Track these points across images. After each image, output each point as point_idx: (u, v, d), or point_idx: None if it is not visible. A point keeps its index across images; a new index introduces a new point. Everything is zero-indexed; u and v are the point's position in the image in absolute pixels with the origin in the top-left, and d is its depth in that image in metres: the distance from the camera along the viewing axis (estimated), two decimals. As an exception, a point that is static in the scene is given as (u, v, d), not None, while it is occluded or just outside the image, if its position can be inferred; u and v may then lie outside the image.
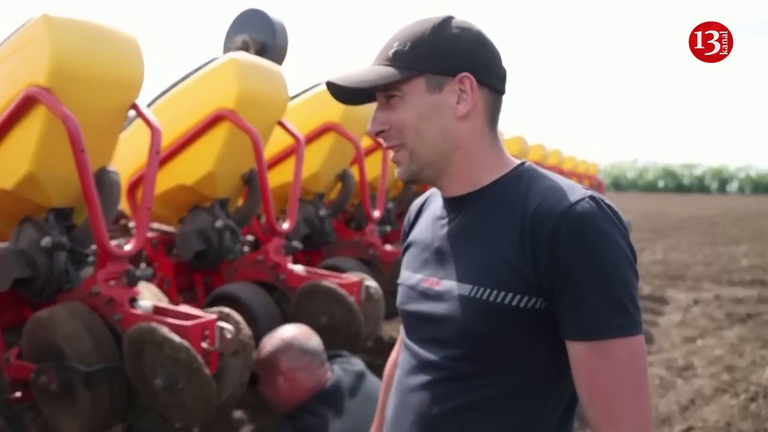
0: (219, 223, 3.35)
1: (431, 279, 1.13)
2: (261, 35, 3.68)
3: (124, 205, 3.39)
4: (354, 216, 4.73)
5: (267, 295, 3.28)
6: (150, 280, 2.95)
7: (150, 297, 2.73)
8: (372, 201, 4.35)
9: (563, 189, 1.04)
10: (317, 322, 3.05)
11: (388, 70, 1.08)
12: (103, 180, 2.65)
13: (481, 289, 1.04)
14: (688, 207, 27.37)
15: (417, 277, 1.16)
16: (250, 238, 3.87)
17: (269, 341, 2.47)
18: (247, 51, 3.56)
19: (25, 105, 2.42)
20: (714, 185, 55.24)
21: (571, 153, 10.53)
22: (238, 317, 2.50)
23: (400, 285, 1.22)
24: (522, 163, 1.14)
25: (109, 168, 2.73)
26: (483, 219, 1.09)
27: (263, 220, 3.65)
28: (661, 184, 55.78)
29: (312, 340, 2.45)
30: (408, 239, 1.27)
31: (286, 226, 3.45)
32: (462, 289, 1.07)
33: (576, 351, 1.01)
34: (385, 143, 1.13)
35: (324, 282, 3.14)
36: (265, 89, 3.34)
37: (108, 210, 2.64)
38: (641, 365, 1.00)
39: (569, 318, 1.01)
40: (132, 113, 2.87)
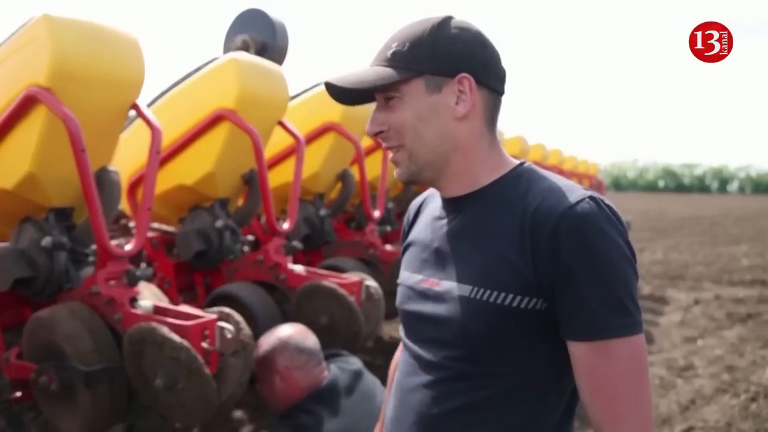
0: (219, 223, 3.35)
1: (431, 279, 1.13)
2: (261, 35, 3.68)
3: (124, 205, 3.39)
4: (354, 216, 4.72)
5: (267, 295, 3.28)
6: (150, 279, 2.95)
7: (150, 297, 2.73)
8: (372, 201, 4.35)
9: (563, 189, 1.04)
10: (317, 322, 3.05)
11: (386, 70, 1.08)
12: (104, 180, 2.65)
13: (481, 290, 1.04)
14: (688, 207, 27.37)
15: (417, 278, 1.16)
16: (250, 237, 3.87)
17: (266, 340, 2.48)
18: (248, 51, 3.56)
19: (26, 105, 2.42)
20: (714, 185, 55.22)
21: (572, 153, 10.54)
22: (238, 317, 2.50)
23: (399, 285, 1.22)
24: (521, 163, 1.14)
25: (110, 168, 2.73)
26: (482, 219, 1.09)
27: (263, 219, 3.65)
28: (662, 183, 55.75)
29: (308, 339, 2.45)
30: (407, 239, 1.26)
31: (286, 226, 3.45)
32: (462, 290, 1.07)
33: (577, 351, 1.01)
34: (384, 144, 1.13)
35: (324, 282, 3.13)
36: (266, 89, 3.34)
37: (108, 210, 2.64)
38: (642, 364, 1.01)
39: (570, 318, 1.01)
40: (132, 113, 2.87)
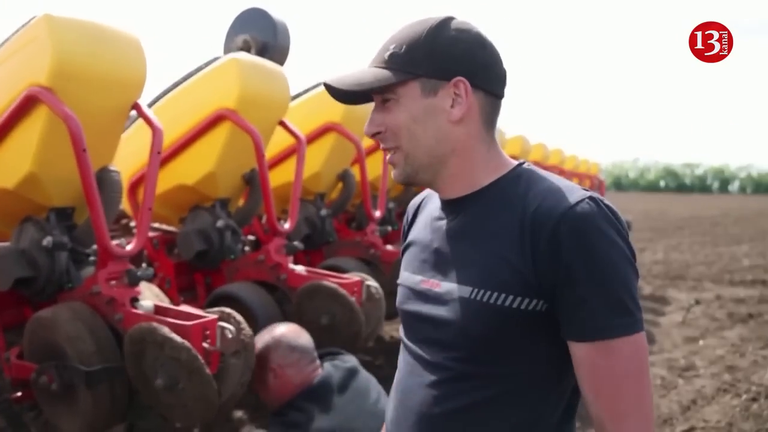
0: (220, 223, 3.35)
1: (431, 280, 1.13)
2: (262, 35, 3.67)
3: (125, 205, 3.39)
4: (355, 216, 4.72)
5: (268, 295, 3.28)
6: (151, 279, 2.95)
7: (151, 297, 2.73)
8: (373, 201, 4.35)
9: (563, 190, 1.04)
10: (318, 322, 3.05)
11: (383, 72, 1.07)
12: (105, 180, 2.65)
13: (482, 291, 1.04)
14: (689, 207, 27.35)
15: (417, 278, 1.16)
16: (251, 237, 3.87)
17: (260, 339, 2.49)
18: (248, 51, 3.55)
19: (27, 105, 2.43)
20: (715, 185, 55.18)
21: (573, 152, 10.54)
22: (239, 317, 2.50)
23: (399, 285, 1.22)
24: (521, 164, 1.14)
25: (111, 168, 2.73)
26: (482, 220, 1.09)
27: (264, 219, 3.66)
28: (663, 183, 55.73)
29: (301, 337, 2.46)
30: (407, 239, 1.26)
31: (287, 226, 3.45)
32: (462, 291, 1.06)
33: (578, 351, 1.01)
34: (382, 145, 1.13)
35: (325, 282, 3.13)
36: (267, 89, 3.34)
37: (109, 210, 2.64)
38: (643, 362, 1.01)
39: (571, 319, 1.01)
40: (133, 113, 2.87)
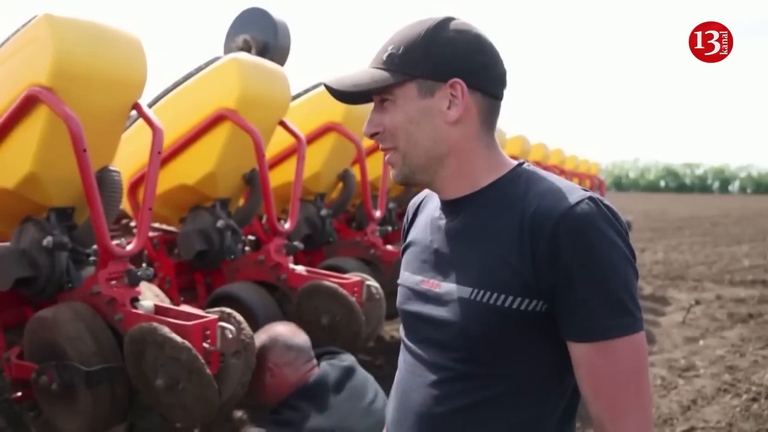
0: (220, 223, 3.35)
1: (431, 281, 1.13)
2: (263, 35, 3.67)
3: (125, 205, 3.39)
4: (355, 216, 4.72)
5: (268, 295, 3.28)
6: (151, 280, 2.95)
7: (151, 297, 2.73)
8: (373, 201, 4.35)
9: (562, 190, 1.04)
10: (318, 322, 3.05)
11: (381, 73, 1.08)
12: (105, 180, 2.65)
13: (481, 292, 1.04)
14: (689, 207, 27.35)
15: (417, 279, 1.16)
16: (251, 237, 3.87)
17: (256, 338, 2.49)
18: (249, 51, 3.55)
19: (27, 105, 2.43)
20: (716, 185, 55.20)
21: (573, 152, 10.54)
22: (239, 317, 2.50)
23: (399, 285, 1.22)
24: (520, 164, 1.14)
25: (111, 168, 2.73)
26: (482, 220, 1.09)
27: (264, 219, 3.66)
28: (663, 183, 55.74)
29: (297, 336, 2.47)
30: (407, 239, 1.26)
31: (287, 226, 3.45)
32: (462, 292, 1.06)
33: (578, 351, 1.01)
34: (380, 145, 1.14)
35: (325, 282, 3.13)
36: (267, 89, 3.34)
37: (109, 210, 2.64)
38: (643, 362, 1.01)
39: (570, 319, 1.01)
40: (134, 113, 2.87)
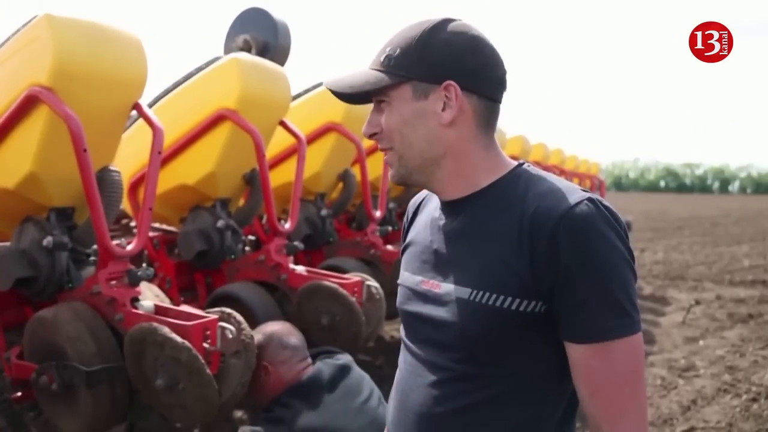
0: (220, 223, 3.35)
1: (431, 281, 1.13)
2: (263, 35, 3.67)
3: (125, 205, 3.39)
4: (355, 216, 4.72)
5: (268, 295, 3.28)
6: (151, 280, 2.95)
7: (151, 297, 2.73)
8: (373, 201, 4.35)
9: (562, 191, 1.04)
10: (318, 322, 3.05)
11: (377, 75, 1.09)
12: (105, 180, 2.65)
13: (480, 293, 1.04)
14: (689, 207, 27.36)
15: (417, 279, 1.16)
16: (251, 237, 3.87)
17: None
18: (249, 51, 3.55)
19: (27, 105, 2.43)
20: (716, 185, 55.22)
21: (573, 152, 10.53)
22: (239, 317, 2.50)
23: (399, 285, 1.22)
24: (520, 164, 1.14)
25: (111, 168, 2.73)
26: (481, 221, 1.09)
27: (264, 219, 3.66)
28: (663, 183, 55.76)
29: (292, 335, 2.47)
30: (407, 238, 1.26)
31: (287, 226, 3.45)
32: (461, 293, 1.07)
33: (575, 352, 1.01)
34: (379, 145, 1.15)
35: (325, 282, 3.13)
36: (267, 89, 3.34)
37: (110, 210, 2.64)
38: (640, 363, 1.02)
39: (569, 320, 1.01)
40: (134, 113, 2.87)
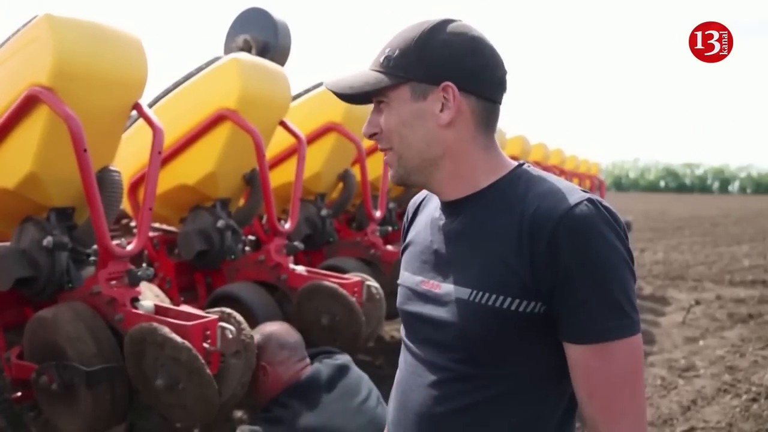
0: (220, 223, 3.35)
1: (431, 282, 1.13)
2: (263, 35, 3.67)
3: (125, 205, 3.39)
4: (355, 216, 4.72)
5: (268, 295, 3.28)
6: (151, 280, 2.95)
7: (151, 297, 2.73)
8: (373, 201, 4.35)
9: (562, 191, 1.04)
10: (318, 322, 3.05)
11: (376, 76, 1.09)
12: (105, 180, 2.65)
13: (480, 293, 1.04)
14: (689, 207, 27.36)
15: (417, 279, 1.16)
16: (251, 237, 3.87)
17: None
18: (249, 51, 3.55)
19: (28, 105, 2.43)
20: (716, 185, 55.22)
21: (573, 152, 10.53)
22: (239, 317, 2.50)
23: (400, 285, 1.22)
24: (520, 165, 1.14)
25: (111, 168, 2.73)
26: (481, 222, 1.09)
27: (265, 219, 3.66)
28: (663, 183, 55.76)
29: (291, 335, 2.48)
30: (407, 238, 1.27)
31: (287, 226, 3.45)
32: (461, 293, 1.07)
33: (574, 353, 1.01)
34: (379, 146, 1.15)
35: (325, 282, 3.13)
36: (267, 89, 3.34)
37: (110, 210, 2.64)
38: (639, 364, 1.02)
39: (568, 321, 1.01)
40: (134, 113, 2.87)
